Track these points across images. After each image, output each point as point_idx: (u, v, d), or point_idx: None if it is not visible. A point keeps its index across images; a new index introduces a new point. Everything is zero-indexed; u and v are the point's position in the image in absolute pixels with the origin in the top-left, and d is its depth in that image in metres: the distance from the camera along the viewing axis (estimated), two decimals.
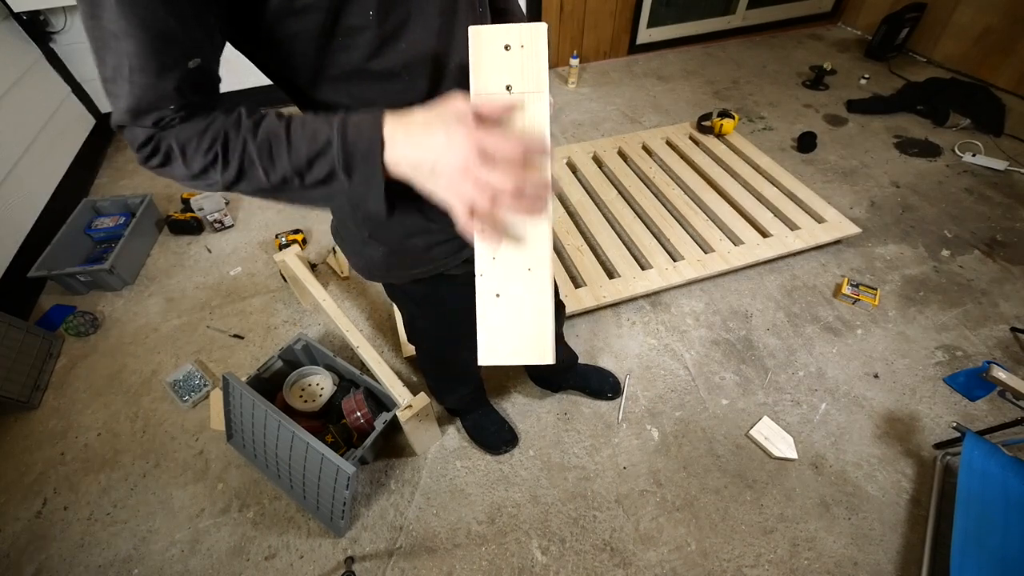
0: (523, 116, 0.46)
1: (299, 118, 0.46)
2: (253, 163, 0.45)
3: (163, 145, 0.43)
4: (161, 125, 0.43)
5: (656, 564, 1.18)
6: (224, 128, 0.44)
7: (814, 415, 1.43)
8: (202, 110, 0.45)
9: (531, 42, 0.45)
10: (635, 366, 1.56)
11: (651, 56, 3.14)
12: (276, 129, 0.45)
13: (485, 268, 0.48)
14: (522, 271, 0.47)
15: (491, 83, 0.46)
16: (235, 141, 0.44)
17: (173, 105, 0.42)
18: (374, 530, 1.24)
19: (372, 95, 0.53)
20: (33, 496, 1.33)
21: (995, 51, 2.64)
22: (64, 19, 2.17)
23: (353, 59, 0.49)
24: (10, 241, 1.79)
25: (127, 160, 2.44)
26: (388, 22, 0.48)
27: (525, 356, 0.48)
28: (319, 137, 0.44)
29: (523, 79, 0.45)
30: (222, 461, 1.37)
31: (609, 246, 1.81)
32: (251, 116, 0.45)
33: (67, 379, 1.57)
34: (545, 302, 0.47)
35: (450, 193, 0.44)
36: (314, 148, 0.44)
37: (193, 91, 0.43)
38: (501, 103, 0.45)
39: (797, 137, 2.39)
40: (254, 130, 0.44)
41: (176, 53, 0.41)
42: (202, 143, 0.43)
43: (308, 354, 1.46)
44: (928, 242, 1.92)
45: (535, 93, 0.46)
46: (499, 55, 0.45)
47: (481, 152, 0.41)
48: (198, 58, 0.42)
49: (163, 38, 0.40)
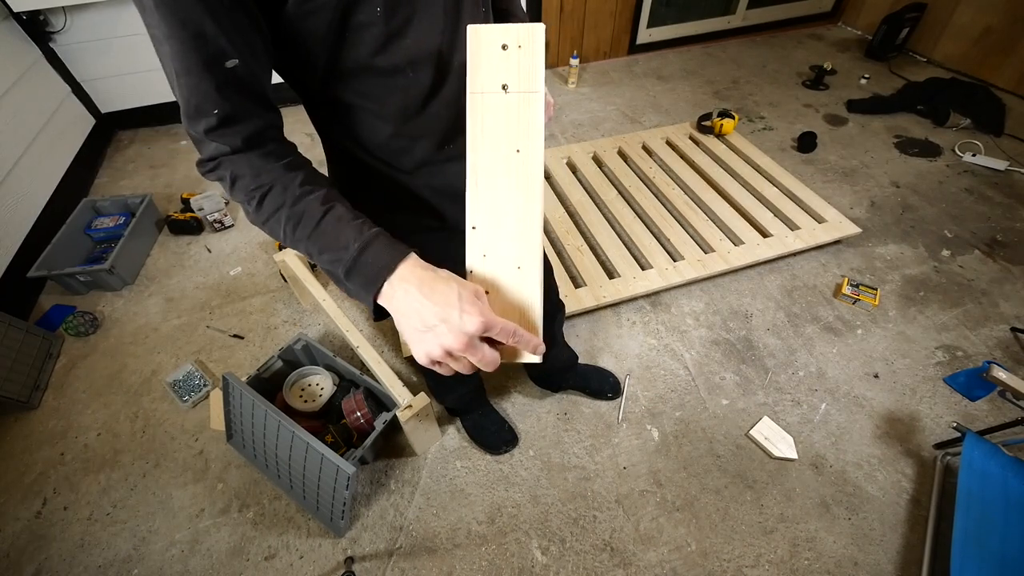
0: (518, 115, 0.46)
1: (339, 213, 0.48)
2: (279, 223, 0.49)
3: (221, 169, 0.48)
4: (214, 136, 0.46)
5: (656, 564, 1.18)
6: (272, 183, 0.48)
7: (814, 415, 1.43)
8: (262, 141, 0.48)
9: (528, 42, 0.45)
10: (635, 366, 1.56)
11: (651, 56, 3.14)
12: (313, 211, 0.48)
13: (475, 265, 0.48)
14: (512, 269, 0.47)
15: (488, 82, 0.46)
16: (274, 199, 0.48)
17: (216, 109, 0.45)
18: (374, 530, 1.24)
19: (377, 91, 0.54)
20: (33, 496, 1.32)
21: (995, 51, 2.64)
22: (64, 19, 2.17)
23: (360, 55, 0.51)
24: (10, 241, 1.79)
25: (127, 160, 2.44)
26: (394, 19, 0.49)
27: (512, 354, 0.48)
28: (341, 240, 0.47)
29: (519, 79, 0.46)
30: (222, 461, 1.37)
31: (609, 246, 1.81)
32: (304, 184, 0.48)
33: (67, 379, 1.57)
34: (533, 299, 0.47)
35: (417, 347, 0.45)
36: (332, 246, 0.47)
37: (236, 94, 0.46)
38: (510, 331, 0.44)
39: (797, 137, 2.39)
40: (296, 200, 0.48)
41: (213, 51, 0.43)
42: (250, 184, 0.48)
43: (308, 354, 1.46)
44: (928, 242, 1.92)
45: (531, 93, 0.46)
46: (497, 54, 0.46)
47: (463, 350, 0.42)
48: (235, 59, 0.44)
49: (200, 37, 0.42)
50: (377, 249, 0.46)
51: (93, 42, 2.26)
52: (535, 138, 0.47)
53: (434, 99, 0.58)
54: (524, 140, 0.47)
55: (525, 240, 0.47)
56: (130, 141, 2.56)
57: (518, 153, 0.47)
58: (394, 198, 0.67)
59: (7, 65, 1.97)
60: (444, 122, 0.61)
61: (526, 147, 0.47)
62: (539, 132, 0.46)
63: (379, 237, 0.47)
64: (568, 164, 2.20)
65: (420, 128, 0.60)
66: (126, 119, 2.57)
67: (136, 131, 2.61)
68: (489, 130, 0.47)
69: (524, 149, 0.47)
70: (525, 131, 0.46)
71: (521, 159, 0.47)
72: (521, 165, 0.47)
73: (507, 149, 0.47)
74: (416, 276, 0.44)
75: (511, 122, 0.46)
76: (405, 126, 0.59)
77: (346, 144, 0.63)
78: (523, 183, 0.47)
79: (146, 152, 2.48)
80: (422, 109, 0.58)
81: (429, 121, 0.60)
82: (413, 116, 0.58)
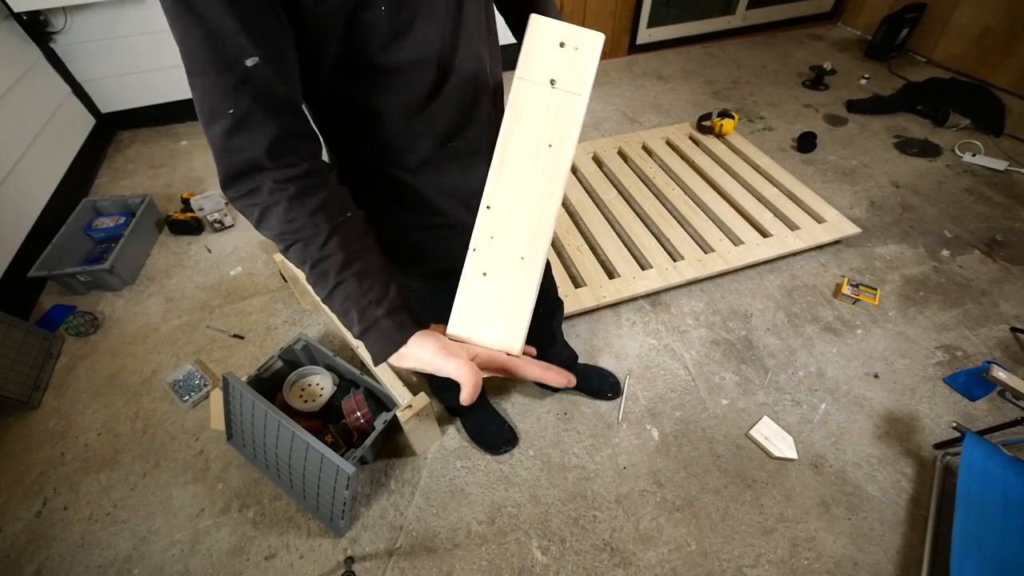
0: (558, 112, 0.47)
1: (347, 291, 0.49)
2: (304, 272, 0.50)
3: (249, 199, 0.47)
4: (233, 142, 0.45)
5: (656, 564, 1.18)
6: (296, 237, 0.48)
7: (814, 415, 1.43)
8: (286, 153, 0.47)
9: (586, 47, 0.46)
10: (635, 366, 1.56)
11: (651, 56, 3.14)
12: (328, 280, 0.49)
13: (480, 245, 0.48)
14: (515, 258, 0.48)
15: (538, 72, 0.46)
16: (297, 253, 0.49)
17: (232, 108, 0.43)
18: (374, 530, 1.24)
19: (380, 89, 0.55)
20: (33, 496, 1.33)
21: (995, 51, 2.64)
22: (64, 19, 2.17)
23: (365, 54, 0.51)
24: (10, 241, 1.79)
25: (127, 160, 2.44)
26: (398, 18, 0.50)
27: (493, 340, 0.48)
28: (348, 318, 0.50)
29: (569, 78, 0.46)
30: (222, 461, 1.37)
31: (609, 246, 1.81)
32: (324, 245, 0.48)
33: (67, 379, 1.57)
34: (528, 293, 0.48)
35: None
36: (342, 319, 0.50)
37: (253, 93, 0.44)
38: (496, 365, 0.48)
39: (797, 137, 2.39)
40: (315, 263, 0.49)
41: (232, 49, 0.42)
42: (276, 229, 0.48)
43: (308, 354, 1.46)
44: (928, 242, 1.92)
45: (575, 95, 0.46)
46: (553, 49, 0.46)
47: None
48: (255, 57, 0.43)
49: (217, 35, 0.41)
50: (375, 336, 0.49)
51: (93, 42, 2.26)
52: (570, 138, 0.47)
53: (436, 98, 0.58)
54: (559, 137, 0.47)
55: (536, 233, 0.47)
56: (130, 141, 2.56)
57: (550, 148, 0.47)
58: (396, 195, 0.67)
59: (7, 65, 1.97)
60: (446, 120, 0.62)
61: (559, 144, 0.47)
62: (574, 133, 0.47)
63: (377, 325, 0.48)
64: None
65: (422, 126, 0.60)
66: (126, 119, 2.57)
67: (136, 131, 2.61)
68: (527, 118, 0.47)
69: (556, 145, 0.47)
70: (562, 129, 0.47)
71: (552, 154, 0.47)
72: (550, 160, 0.47)
73: (541, 140, 0.47)
74: (409, 361, 0.48)
75: (550, 116, 0.47)
76: (407, 124, 0.59)
77: (348, 140, 0.63)
78: (548, 177, 0.47)
79: (146, 152, 2.48)
80: (424, 107, 0.58)
81: (431, 119, 0.60)
82: (415, 114, 0.59)
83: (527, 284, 0.48)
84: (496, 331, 0.48)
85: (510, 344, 0.48)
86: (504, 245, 0.48)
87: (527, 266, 0.48)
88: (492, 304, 0.48)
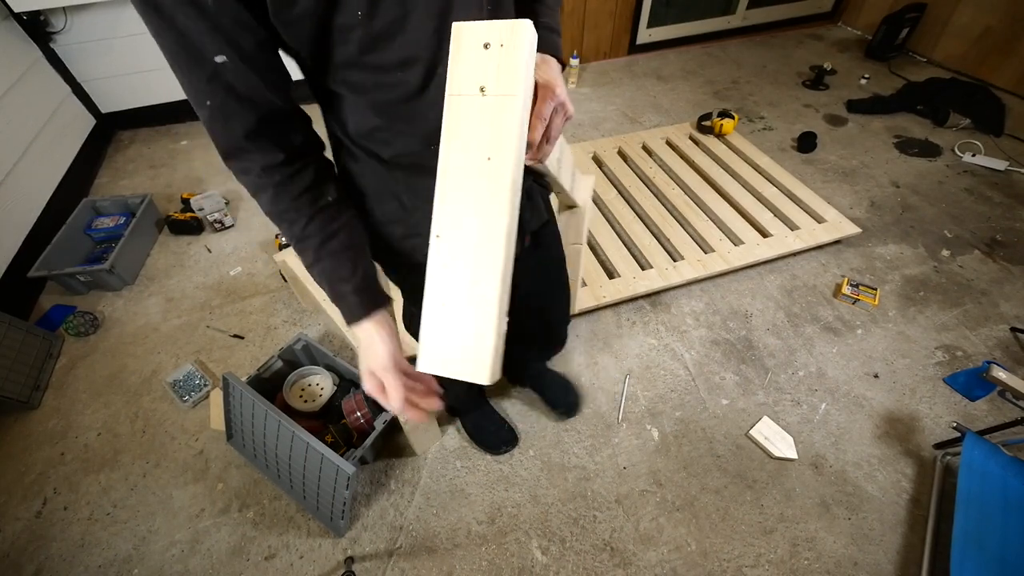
0: (492, 120, 0.43)
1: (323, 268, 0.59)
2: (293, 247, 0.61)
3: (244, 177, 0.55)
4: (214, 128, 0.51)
5: (656, 564, 1.18)
6: (281, 219, 0.57)
7: (814, 415, 1.43)
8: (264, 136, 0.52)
9: (511, 40, 0.41)
10: (635, 366, 1.56)
11: (651, 56, 3.14)
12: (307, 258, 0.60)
13: (434, 275, 0.46)
14: (468, 285, 0.45)
15: (466, 83, 0.43)
16: (283, 230, 0.59)
17: (208, 100, 0.48)
18: (374, 530, 1.24)
19: (365, 84, 0.55)
20: (33, 496, 1.33)
21: (995, 51, 2.64)
22: (64, 19, 2.17)
23: (347, 54, 0.51)
24: (10, 241, 1.79)
25: (127, 160, 2.44)
26: (377, 21, 0.49)
27: (460, 371, 0.45)
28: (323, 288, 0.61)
29: (499, 80, 0.42)
30: (222, 461, 1.37)
31: (609, 246, 1.81)
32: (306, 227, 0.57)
33: (67, 379, 1.57)
34: (487, 319, 0.44)
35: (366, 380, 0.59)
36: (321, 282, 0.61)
37: (227, 90, 0.48)
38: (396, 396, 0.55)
39: (797, 137, 2.39)
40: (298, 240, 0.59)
41: (200, 47, 0.45)
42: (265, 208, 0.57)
43: (308, 354, 1.46)
44: (928, 242, 1.92)
45: (508, 96, 0.42)
46: (478, 54, 0.42)
47: (370, 391, 0.58)
48: (223, 55, 0.46)
49: (186, 35, 0.44)
50: (342, 307, 0.59)
51: (93, 42, 2.26)
52: (507, 146, 0.43)
53: (419, 99, 0.58)
54: (496, 147, 0.43)
55: (486, 257, 0.44)
56: (130, 141, 2.56)
57: (489, 161, 0.43)
58: (383, 191, 0.68)
59: (7, 65, 1.97)
60: (430, 122, 0.61)
61: (498, 155, 0.43)
62: (512, 139, 0.43)
63: (345, 300, 0.59)
64: None
65: (406, 125, 0.60)
66: (126, 119, 2.57)
67: (136, 131, 2.62)
68: (464, 135, 0.44)
69: (496, 157, 0.43)
70: (499, 137, 0.43)
71: (492, 167, 0.43)
72: (492, 174, 0.43)
73: (479, 156, 0.43)
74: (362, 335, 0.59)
75: (485, 127, 0.43)
76: (391, 121, 0.59)
77: (333, 128, 0.65)
78: (492, 193, 0.43)
79: (146, 152, 2.48)
80: (407, 107, 0.58)
81: (414, 119, 0.60)
82: (400, 112, 0.59)
83: (484, 313, 0.44)
84: (462, 363, 0.45)
85: (477, 374, 0.45)
86: (457, 272, 0.45)
87: (481, 293, 0.44)
88: (454, 335, 0.45)
